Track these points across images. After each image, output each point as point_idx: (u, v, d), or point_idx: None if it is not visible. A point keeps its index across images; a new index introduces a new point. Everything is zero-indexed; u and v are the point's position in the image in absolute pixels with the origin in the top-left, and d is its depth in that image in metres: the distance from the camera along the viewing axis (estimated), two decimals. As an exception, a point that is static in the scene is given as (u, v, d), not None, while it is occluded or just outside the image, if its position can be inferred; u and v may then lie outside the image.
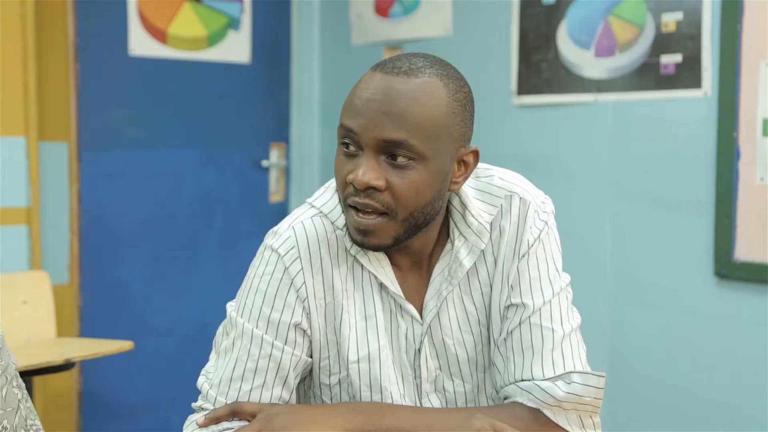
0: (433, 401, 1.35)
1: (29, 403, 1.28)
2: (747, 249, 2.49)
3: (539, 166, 2.90)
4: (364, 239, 1.23)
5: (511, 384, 1.29)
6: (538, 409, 1.26)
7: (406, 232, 1.23)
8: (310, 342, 1.31)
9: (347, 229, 1.26)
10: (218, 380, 1.29)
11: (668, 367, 2.69)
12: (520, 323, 1.29)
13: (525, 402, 1.26)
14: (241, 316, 1.30)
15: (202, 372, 1.35)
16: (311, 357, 1.33)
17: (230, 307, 1.35)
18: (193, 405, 1.32)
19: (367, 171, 1.18)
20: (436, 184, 1.21)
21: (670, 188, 2.66)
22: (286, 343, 1.28)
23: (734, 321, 2.54)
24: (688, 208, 2.62)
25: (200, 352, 3.43)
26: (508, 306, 1.31)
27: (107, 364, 3.05)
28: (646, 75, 2.69)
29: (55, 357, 2.49)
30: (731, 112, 2.49)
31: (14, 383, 1.23)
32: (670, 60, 2.63)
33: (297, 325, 1.28)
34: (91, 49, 3.17)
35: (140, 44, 3.27)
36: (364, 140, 1.19)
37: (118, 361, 2.90)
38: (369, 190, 1.19)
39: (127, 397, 3.32)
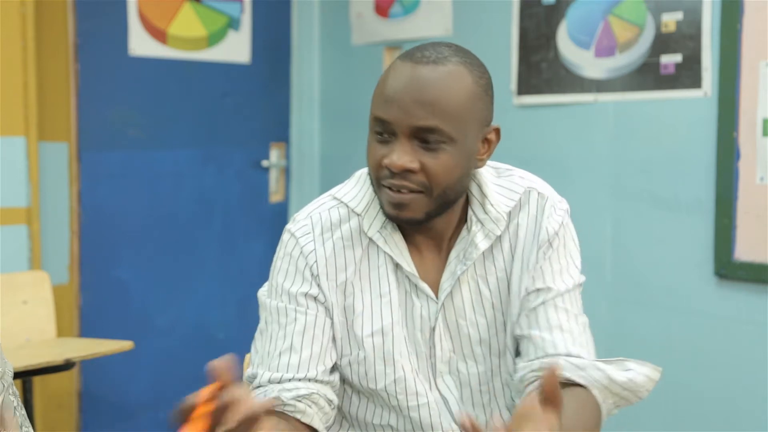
0: (447, 382, 1.39)
1: (23, 411, 1.29)
2: (747, 249, 2.49)
3: (539, 166, 2.89)
4: (399, 213, 1.30)
5: (547, 356, 1.31)
6: (586, 388, 1.28)
7: (437, 208, 1.31)
8: (328, 311, 1.37)
9: (380, 206, 1.34)
10: (259, 359, 1.36)
11: (668, 367, 2.67)
12: (544, 303, 1.35)
13: (574, 378, 1.29)
14: (269, 297, 1.39)
15: (248, 367, 1.41)
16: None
17: (262, 294, 1.42)
18: None
19: (402, 155, 1.26)
20: (464, 163, 1.30)
21: (670, 188, 2.66)
22: (308, 308, 1.35)
23: (734, 321, 2.54)
24: (688, 208, 2.62)
25: (200, 352, 3.45)
26: (531, 291, 1.36)
27: (107, 364, 3.05)
28: (646, 75, 2.69)
29: (55, 357, 2.49)
30: (731, 112, 2.49)
31: (10, 390, 1.24)
32: (670, 60, 2.63)
33: (315, 297, 1.36)
34: (91, 49, 3.17)
35: (140, 44, 3.27)
36: (398, 128, 1.26)
37: (118, 361, 2.90)
38: (404, 172, 1.27)
39: (127, 397, 3.32)
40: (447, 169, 1.27)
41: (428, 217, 1.31)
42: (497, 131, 1.35)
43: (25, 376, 2.53)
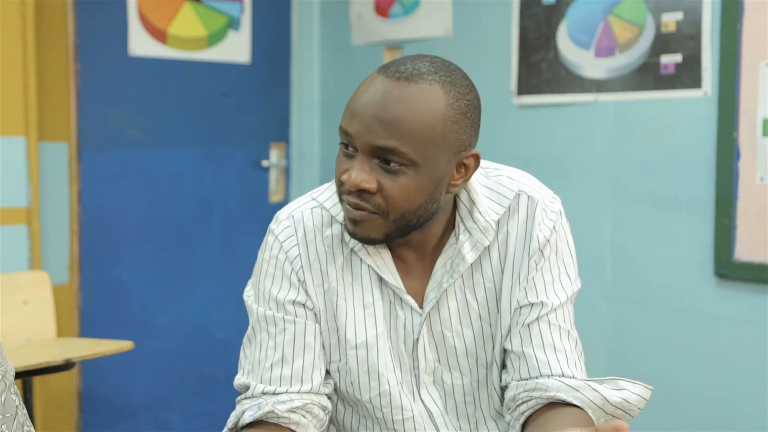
0: (432, 392, 1.37)
1: (24, 410, 1.29)
2: (747, 249, 2.49)
3: (539, 166, 2.90)
4: (355, 230, 1.26)
5: (540, 377, 1.29)
6: (581, 408, 1.26)
7: (397, 231, 1.26)
8: (317, 316, 1.35)
9: (345, 221, 1.29)
10: (250, 367, 1.34)
11: (668, 367, 2.69)
12: (538, 319, 1.31)
13: (570, 399, 1.26)
14: (256, 302, 1.36)
15: (239, 372, 1.39)
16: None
17: (248, 297, 1.40)
18: (236, 400, 1.35)
19: (360, 174, 1.21)
20: (428, 189, 1.23)
21: (670, 188, 2.66)
22: (297, 316, 1.32)
23: (734, 321, 2.54)
24: (688, 208, 2.62)
25: (200, 352, 3.45)
26: (523, 305, 1.32)
27: (107, 364, 3.05)
28: (646, 75, 2.69)
29: (55, 357, 2.49)
30: (731, 112, 2.49)
31: (12, 389, 1.24)
32: (670, 60, 2.63)
33: (303, 304, 1.33)
34: (91, 49, 3.17)
35: (140, 44, 3.27)
36: (358, 144, 1.21)
37: (118, 361, 2.90)
38: (361, 191, 1.22)
39: (127, 397, 3.32)
40: (406, 194, 1.21)
41: (388, 237, 1.26)
42: (476, 157, 1.26)
43: (25, 376, 2.53)
